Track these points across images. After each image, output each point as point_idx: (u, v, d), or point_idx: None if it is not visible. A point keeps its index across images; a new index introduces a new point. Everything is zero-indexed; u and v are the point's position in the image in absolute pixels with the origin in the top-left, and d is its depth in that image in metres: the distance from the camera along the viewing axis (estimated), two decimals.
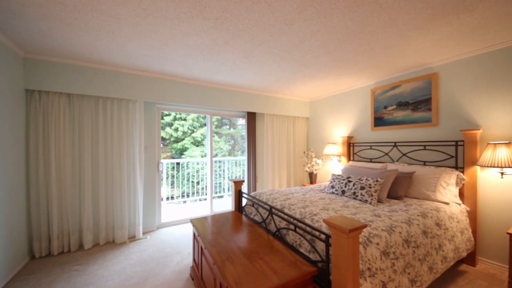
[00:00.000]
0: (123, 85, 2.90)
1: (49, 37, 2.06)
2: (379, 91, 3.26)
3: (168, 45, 2.22)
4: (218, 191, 5.40)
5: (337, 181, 2.64)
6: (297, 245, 1.65)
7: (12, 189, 2.20)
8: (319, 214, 1.81)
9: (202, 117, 7.71)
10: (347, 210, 1.97)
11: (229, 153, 8.32)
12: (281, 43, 2.16)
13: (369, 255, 1.38)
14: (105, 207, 2.86)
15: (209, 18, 1.75)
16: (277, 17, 1.74)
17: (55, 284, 2.00)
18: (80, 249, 2.70)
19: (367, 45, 2.22)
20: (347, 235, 1.10)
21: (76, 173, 2.72)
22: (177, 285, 2.01)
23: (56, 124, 2.57)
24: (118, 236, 2.87)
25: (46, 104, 2.54)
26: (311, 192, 2.71)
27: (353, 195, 2.35)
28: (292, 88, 3.75)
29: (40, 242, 2.50)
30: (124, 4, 1.59)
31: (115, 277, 2.13)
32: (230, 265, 1.37)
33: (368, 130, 3.44)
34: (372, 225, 1.61)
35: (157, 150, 3.33)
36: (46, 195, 2.54)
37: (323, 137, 4.28)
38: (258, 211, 2.22)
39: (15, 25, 1.86)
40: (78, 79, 2.64)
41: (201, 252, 1.85)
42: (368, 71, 2.94)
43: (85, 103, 2.74)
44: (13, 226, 2.21)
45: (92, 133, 2.79)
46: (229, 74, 3.06)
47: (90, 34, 2.01)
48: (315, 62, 2.62)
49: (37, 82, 2.45)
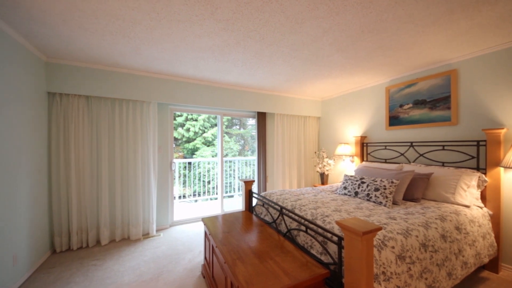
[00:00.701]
0: (138, 87, 2.99)
1: (69, 42, 2.16)
2: (394, 89, 3.15)
3: (180, 47, 2.26)
4: (228, 190, 5.44)
5: (349, 182, 2.58)
6: (308, 247, 1.63)
7: (35, 187, 2.34)
8: (331, 216, 1.78)
9: (213, 118, 7.80)
10: (360, 212, 1.92)
11: (239, 153, 8.36)
12: (292, 42, 2.14)
13: (384, 258, 1.34)
14: (121, 204, 2.97)
15: (220, 19, 1.77)
16: (288, 16, 1.72)
17: (74, 278, 2.10)
18: (98, 244, 2.82)
19: (381, 42, 2.15)
20: (361, 237, 1.07)
21: (94, 172, 2.84)
22: (189, 282, 2.04)
23: (75, 125, 2.70)
24: (133, 233, 2.97)
25: (66, 106, 2.67)
26: (322, 193, 2.67)
27: (367, 197, 2.29)
28: (303, 87, 3.71)
29: (60, 237, 2.63)
30: (139, 8, 1.64)
31: (130, 272, 2.20)
32: (241, 265, 1.38)
33: (383, 129, 3.33)
34: (387, 228, 1.56)
35: (170, 150, 3.41)
36: (66, 192, 2.67)
37: (335, 137, 4.20)
38: (268, 211, 2.22)
39: (37, 32, 1.96)
40: (96, 82, 2.76)
41: (212, 250, 1.87)
42: (382, 68, 2.85)
43: (102, 105, 2.86)
44: (36, 222, 2.34)
45: (109, 134, 2.90)
46: (239, 74, 3.08)
47: (107, 39, 2.09)
48: (326, 60, 2.58)
49: (58, 85, 2.58)
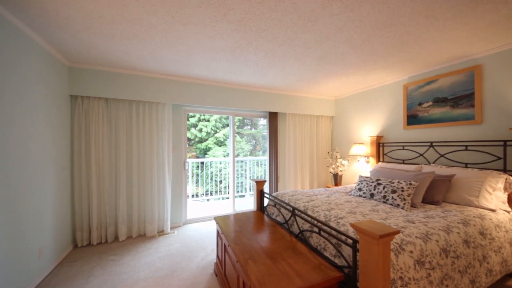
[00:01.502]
0: (153, 89, 3.09)
1: (90, 47, 2.27)
2: (412, 86, 3.02)
3: (193, 49, 2.31)
4: (240, 190, 5.47)
5: (365, 184, 2.50)
6: (322, 249, 1.60)
7: (59, 184, 2.48)
8: (345, 218, 1.73)
9: (225, 118, 7.89)
10: (376, 214, 1.86)
11: (251, 153, 8.39)
12: (304, 41, 2.11)
13: (401, 263, 1.29)
14: (138, 202, 3.08)
15: (233, 20, 1.78)
16: (300, 14, 1.70)
17: (94, 271, 2.21)
18: (116, 240, 2.94)
19: (398, 38, 2.07)
20: (377, 241, 1.04)
21: (112, 171, 2.96)
22: (202, 280, 2.08)
23: (95, 126, 2.83)
24: (148, 230, 3.07)
25: (87, 108, 2.81)
26: (336, 194, 2.61)
27: (383, 199, 2.21)
28: (315, 86, 3.66)
29: (82, 233, 2.77)
30: (155, 13, 1.69)
31: (145, 268, 2.28)
32: (253, 264, 1.38)
33: (400, 129, 3.21)
34: (405, 231, 1.50)
35: (183, 150, 3.48)
36: (87, 190, 2.81)
37: (349, 136, 4.09)
38: (280, 212, 2.21)
39: (61, 37, 2.08)
40: (114, 85, 2.88)
41: (224, 249, 1.89)
42: (399, 65, 2.75)
43: (120, 106, 2.98)
44: (60, 218, 2.48)
45: (126, 134, 3.02)
46: (251, 74, 3.08)
47: (125, 43, 2.17)
48: (340, 58, 2.52)
49: (80, 88, 2.72)
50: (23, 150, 1.88)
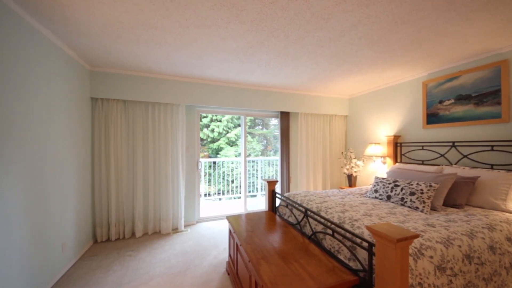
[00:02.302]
0: (168, 91, 3.17)
1: (109, 51, 2.37)
2: (432, 83, 2.88)
3: (206, 51, 2.34)
4: (251, 190, 5.48)
5: (381, 185, 2.42)
6: (335, 251, 1.57)
7: (81, 182, 2.61)
8: (360, 220, 1.69)
9: (236, 118, 7.94)
10: (393, 217, 1.79)
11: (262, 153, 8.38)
12: (317, 39, 2.08)
13: (421, 269, 1.23)
14: (153, 200, 3.18)
15: (245, 21, 1.79)
16: (313, 12, 1.68)
17: (112, 266, 2.30)
18: (133, 236, 3.05)
19: (417, 33, 1.98)
20: (395, 245, 1.00)
21: (130, 170, 3.08)
22: (214, 278, 2.11)
23: (114, 127, 2.95)
24: (163, 227, 3.15)
25: (107, 109, 2.94)
26: (350, 195, 2.55)
27: (401, 201, 2.13)
28: (328, 85, 3.59)
29: (101, 229, 2.90)
30: (170, 16, 1.73)
31: (161, 264, 2.34)
32: (265, 264, 1.38)
33: (419, 128, 3.07)
34: (425, 235, 1.43)
35: (196, 150, 3.55)
36: (106, 188, 2.94)
37: (364, 136, 3.97)
38: (292, 213, 2.19)
39: (83, 43, 2.19)
40: (131, 87, 2.99)
41: (236, 248, 1.91)
42: (418, 62, 2.63)
43: (137, 108, 3.09)
44: (82, 214, 2.62)
45: (143, 135, 3.13)
46: (263, 74, 3.08)
47: (141, 46, 2.25)
48: (355, 55, 2.46)
49: (100, 91, 2.86)
50: (48, 150, 1.99)
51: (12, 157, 1.58)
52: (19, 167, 1.64)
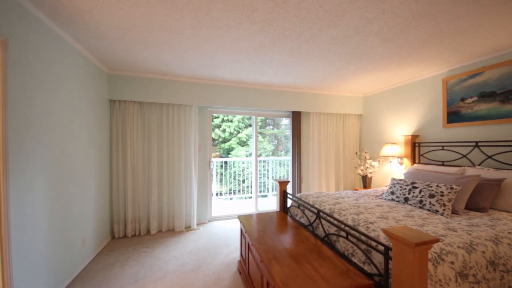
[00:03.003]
0: (181, 92, 3.24)
1: (125, 55, 2.45)
2: (453, 80, 2.74)
3: (218, 52, 2.37)
4: (262, 190, 5.48)
5: (398, 187, 2.34)
6: (349, 254, 1.53)
7: (100, 181, 2.73)
8: (376, 223, 1.63)
9: (247, 118, 7.98)
10: (411, 220, 1.72)
11: (273, 153, 8.36)
12: (330, 36, 2.04)
13: (441, 275, 1.18)
14: (167, 198, 3.26)
15: (256, 21, 1.79)
16: (326, 10, 1.65)
17: (129, 262, 2.39)
18: (148, 233, 3.15)
19: (436, 28, 1.89)
20: (413, 249, 0.96)
21: (145, 169, 3.18)
22: (226, 277, 2.13)
23: (131, 128, 3.06)
24: (177, 225, 3.23)
25: (124, 111, 3.05)
26: (365, 197, 2.48)
27: (419, 204, 2.04)
28: (342, 83, 3.51)
29: (118, 225, 3.02)
30: (183, 19, 1.77)
31: (174, 261, 2.40)
32: (277, 265, 1.37)
33: (439, 127, 2.93)
34: (445, 240, 1.36)
35: (208, 150, 3.60)
36: (123, 187, 3.05)
37: (380, 136, 3.85)
38: (304, 214, 2.16)
39: (101, 47, 2.29)
40: (147, 89, 3.09)
41: (248, 248, 1.91)
42: (438, 58, 2.51)
43: (152, 109, 3.19)
44: (101, 211, 2.73)
45: (157, 135, 3.22)
46: (274, 74, 3.07)
47: (156, 49, 2.31)
48: (370, 53, 2.39)
49: (117, 93, 2.97)
50: (70, 150, 2.10)
51: (38, 157, 1.68)
52: (43, 166, 1.74)
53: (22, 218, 1.51)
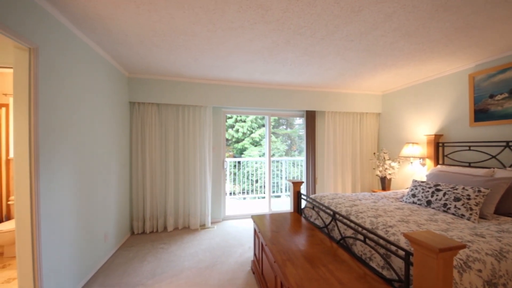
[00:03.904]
0: (196, 93, 3.32)
1: (145, 59, 2.55)
2: (481, 76, 2.55)
3: (232, 53, 2.39)
4: (275, 190, 5.44)
5: (420, 189, 2.22)
6: (367, 258, 1.48)
7: (121, 179, 2.86)
8: (395, 227, 1.57)
9: (260, 118, 7.99)
10: (434, 225, 1.63)
11: (286, 153, 8.29)
12: (346, 33, 1.98)
13: (467, 283, 1.10)
14: (183, 197, 3.35)
15: (270, 21, 1.78)
16: (342, 6, 1.60)
17: (147, 257, 2.48)
18: (165, 230, 3.25)
19: (462, 21, 1.77)
20: (436, 255, 0.91)
21: (163, 168, 3.29)
22: (240, 276, 2.14)
23: (149, 129, 3.18)
24: (192, 223, 3.31)
25: (143, 112, 3.18)
26: (384, 200, 2.38)
27: (443, 207, 1.93)
28: (359, 81, 3.40)
29: (138, 222, 3.15)
30: (199, 22, 1.81)
31: (189, 258, 2.46)
32: (291, 266, 1.36)
33: (466, 126, 2.74)
34: (472, 246, 1.28)
35: (222, 150, 3.65)
36: (142, 185, 3.18)
37: (400, 135, 3.68)
38: (319, 215, 2.12)
39: (121, 52, 2.39)
40: (164, 91, 3.20)
41: (261, 248, 1.91)
42: (464, 52, 2.35)
43: (169, 111, 3.29)
44: (121, 208, 2.87)
45: (174, 136, 3.32)
46: (288, 73, 3.04)
47: (173, 52, 2.38)
48: (389, 48, 2.29)
49: (137, 96, 3.11)
50: (94, 149, 2.22)
51: (65, 157, 1.79)
52: (70, 165, 1.85)
53: (51, 213, 1.62)
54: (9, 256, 2.42)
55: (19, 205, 1.45)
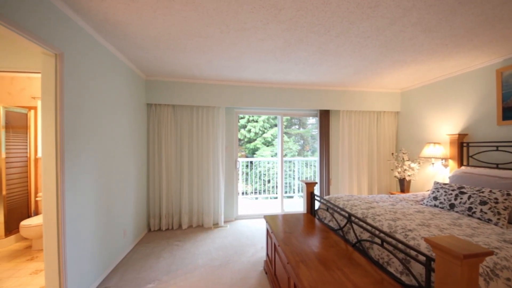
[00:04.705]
0: (210, 94, 3.38)
1: (160, 61, 2.63)
2: (510, 71, 2.37)
3: (245, 54, 2.40)
4: (288, 191, 5.39)
5: (442, 192, 2.11)
6: (384, 262, 1.43)
7: (139, 178, 2.97)
8: (415, 230, 1.50)
9: (272, 118, 7.96)
10: (458, 229, 1.54)
11: (299, 153, 8.19)
12: (362, 30, 1.92)
13: None
14: (197, 196, 3.42)
15: (283, 20, 1.77)
16: (358, 2, 1.56)
17: (163, 253, 2.55)
18: (179, 228, 3.33)
19: (488, 13, 1.66)
20: (461, 261, 0.85)
21: (178, 167, 3.38)
22: (252, 275, 2.14)
23: (165, 129, 3.28)
24: (205, 221, 3.37)
25: (159, 114, 3.29)
26: (403, 202, 2.28)
27: (468, 211, 1.81)
28: (376, 78, 3.29)
29: (154, 219, 3.26)
30: (212, 24, 1.84)
31: (203, 256, 2.50)
32: (305, 268, 1.34)
33: (493, 124, 2.56)
34: (500, 253, 1.19)
35: (235, 150, 3.68)
36: (159, 184, 3.29)
37: (420, 135, 3.51)
38: (333, 217, 2.07)
39: (140, 56, 2.48)
40: (178, 93, 3.29)
41: (274, 248, 1.90)
42: (490, 46, 2.20)
43: (184, 112, 3.38)
44: (139, 205, 2.98)
45: (188, 136, 3.41)
46: (300, 72, 3.01)
47: (187, 55, 2.44)
48: (409, 44, 2.19)
49: (153, 98, 3.22)
50: (113, 149, 2.32)
51: (87, 156, 1.89)
52: (92, 164, 1.95)
53: (74, 209, 1.71)
54: (37, 249, 2.59)
55: (46, 201, 1.55)
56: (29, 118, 2.96)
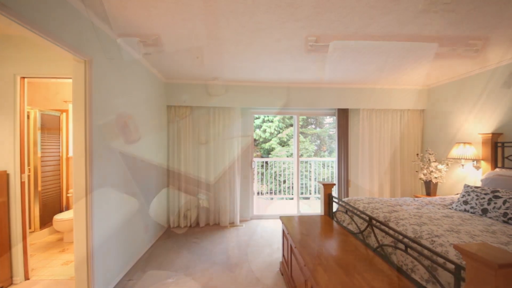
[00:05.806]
0: (226, 95, 3.43)
1: (179, 64, 2.72)
2: None
3: (261, 54, 2.40)
4: (304, 192, 5.29)
5: (473, 195, 1.95)
6: (408, 269, 1.35)
7: (160, 176, 3.10)
8: (443, 236, 1.40)
9: (288, 118, 7.87)
10: (491, 237, 1.41)
11: (315, 153, 8.02)
12: (383, 24, 1.83)
13: None
14: (214, 195, 3.48)
15: (300, 18, 1.74)
16: None
17: (181, 250, 2.64)
18: (197, 226, 3.42)
19: None
20: (495, 271, 0.78)
21: (195, 166, 3.47)
22: (268, 276, 2.14)
23: (183, 130, 3.39)
24: (222, 220, 3.43)
25: (178, 115, 3.40)
26: (429, 206, 2.15)
27: (503, 217, 1.66)
28: (399, 75, 3.11)
29: (173, 216, 3.37)
30: (229, 27, 1.86)
31: (219, 254, 2.54)
32: (323, 272, 1.30)
33: None
34: None
35: (250, 150, 3.69)
36: (178, 182, 3.39)
37: (449, 134, 3.27)
38: (353, 220, 2.00)
39: (160, 60, 2.58)
40: (196, 95, 3.37)
41: (290, 250, 1.88)
42: None
43: (201, 113, 3.47)
44: (159, 203, 3.10)
45: (205, 136, 3.48)
46: (318, 70, 2.94)
47: (204, 58, 2.49)
48: (435, 37, 2.05)
49: (173, 100, 3.34)
50: (137, 150, 2.44)
51: (114, 155, 2.00)
52: (117, 163, 2.06)
53: (101, 205, 1.82)
54: (68, 242, 2.80)
55: (77, 197, 1.66)
56: (62, 120, 3.21)
